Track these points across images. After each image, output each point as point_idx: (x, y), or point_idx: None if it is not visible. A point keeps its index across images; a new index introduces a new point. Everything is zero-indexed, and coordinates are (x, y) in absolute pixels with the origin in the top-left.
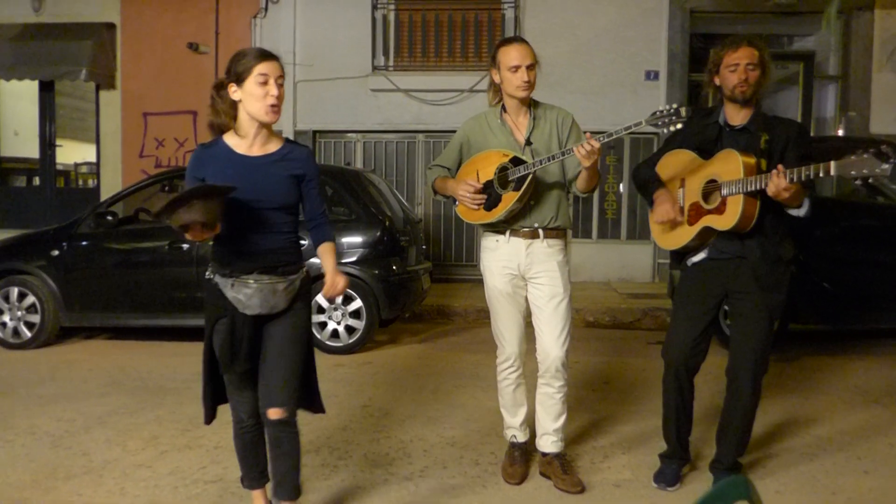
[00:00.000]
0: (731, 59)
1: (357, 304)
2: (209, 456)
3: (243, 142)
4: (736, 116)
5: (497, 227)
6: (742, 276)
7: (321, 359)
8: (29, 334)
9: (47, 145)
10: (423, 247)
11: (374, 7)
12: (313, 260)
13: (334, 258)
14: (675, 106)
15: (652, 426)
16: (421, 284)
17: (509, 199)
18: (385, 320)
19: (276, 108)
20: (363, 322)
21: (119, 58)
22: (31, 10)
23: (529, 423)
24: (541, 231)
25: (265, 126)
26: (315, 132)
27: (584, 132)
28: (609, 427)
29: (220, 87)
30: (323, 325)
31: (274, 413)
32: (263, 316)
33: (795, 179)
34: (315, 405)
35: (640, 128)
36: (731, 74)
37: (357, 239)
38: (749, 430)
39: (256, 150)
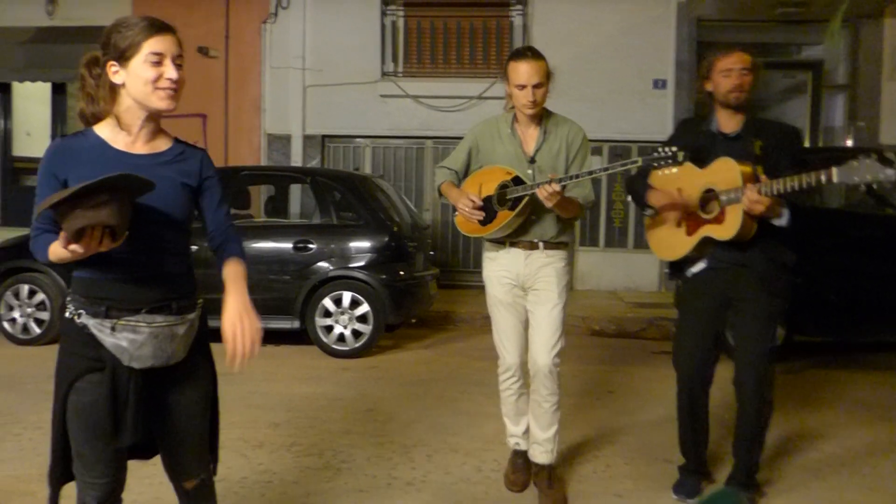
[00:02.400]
0: (724, 63)
1: (364, 308)
2: None
3: (123, 136)
4: (728, 123)
5: (497, 239)
6: (743, 284)
7: (327, 362)
8: (38, 331)
9: None
10: (431, 253)
11: (384, 13)
12: (321, 264)
13: (244, 284)
14: (673, 149)
15: (655, 437)
16: (428, 290)
17: (503, 217)
18: (391, 325)
19: (175, 92)
20: (370, 327)
21: None
22: (45, 13)
23: None
24: (540, 244)
25: (154, 117)
26: (324, 137)
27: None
28: (612, 436)
29: (95, 64)
30: (329, 328)
31: (190, 484)
32: (152, 370)
33: (770, 193)
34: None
35: (636, 165)
36: (725, 79)
37: (365, 244)
38: (760, 444)
39: (141, 147)
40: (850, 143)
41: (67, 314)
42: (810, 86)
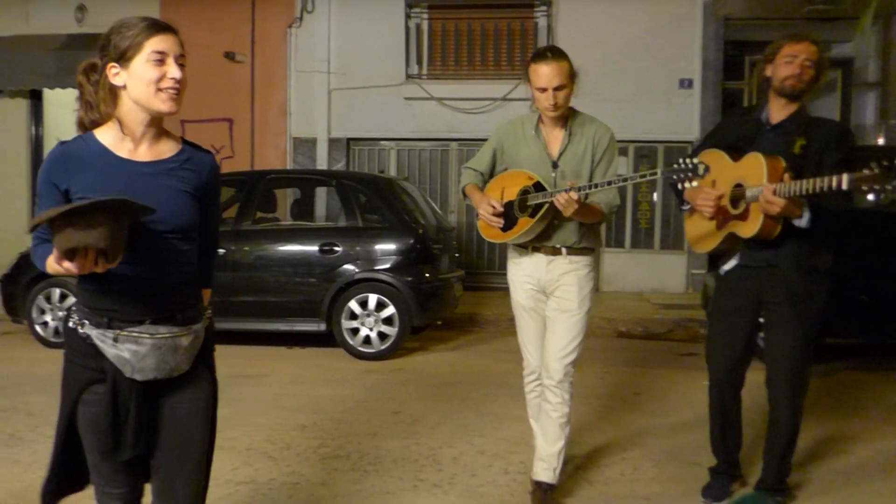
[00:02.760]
0: (791, 49)
1: (390, 310)
2: (241, 457)
3: (126, 141)
4: (778, 114)
5: (521, 243)
6: (774, 286)
7: (353, 364)
8: None
9: None
10: (456, 255)
11: (408, 16)
12: (347, 267)
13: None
14: (693, 162)
15: (683, 440)
16: (453, 292)
17: (524, 224)
18: (417, 327)
19: (177, 94)
20: (395, 329)
21: None
22: (75, 20)
23: None
24: (563, 249)
25: (157, 120)
26: (349, 140)
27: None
28: (639, 439)
29: (93, 70)
30: (355, 330)
31: None
32: (154, 382)
33: (786, 194)
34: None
35: (655, 177)
36: (787, 65)
37: (390, 246)
38: (790, 449)
39: (144, 154)
40: (881, 141)
41: (70, 324)
42: (840, 84)
